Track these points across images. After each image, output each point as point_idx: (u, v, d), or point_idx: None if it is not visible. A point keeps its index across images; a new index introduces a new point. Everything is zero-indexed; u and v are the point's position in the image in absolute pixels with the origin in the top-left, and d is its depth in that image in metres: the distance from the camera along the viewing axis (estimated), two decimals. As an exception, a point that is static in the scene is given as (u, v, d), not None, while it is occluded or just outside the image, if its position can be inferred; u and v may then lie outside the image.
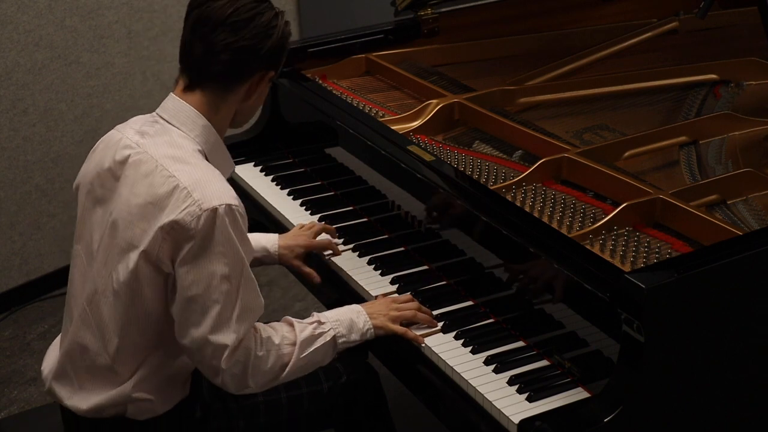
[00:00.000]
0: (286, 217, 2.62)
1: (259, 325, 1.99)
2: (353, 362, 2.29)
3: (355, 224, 2.55)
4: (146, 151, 1.97)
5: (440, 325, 2.13)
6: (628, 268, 1.95)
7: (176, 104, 2.01)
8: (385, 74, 2.95)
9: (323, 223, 2.52)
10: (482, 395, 1.93)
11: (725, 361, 1.88)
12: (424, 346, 2.09)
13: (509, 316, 2.13)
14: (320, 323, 2.06)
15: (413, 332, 2.11)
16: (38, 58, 3.72)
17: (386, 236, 2.48)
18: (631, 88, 2.75)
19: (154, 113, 2.05)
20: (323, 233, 2.46)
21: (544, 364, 2.00)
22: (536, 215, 2.16)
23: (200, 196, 1.89)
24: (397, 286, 2.28)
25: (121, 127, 2.07)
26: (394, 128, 2.54)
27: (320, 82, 2.89)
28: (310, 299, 3.74)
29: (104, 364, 2.01)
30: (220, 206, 1.89)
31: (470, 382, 1.96)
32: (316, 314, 2.09)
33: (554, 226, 2.11)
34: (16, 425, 2.27)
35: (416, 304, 2.16)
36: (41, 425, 2.22)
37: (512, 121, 2.56)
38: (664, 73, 2.79)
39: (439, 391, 2.03)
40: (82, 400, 2.03)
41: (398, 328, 2.11)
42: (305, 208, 2.65)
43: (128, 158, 1.98)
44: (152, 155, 1.95)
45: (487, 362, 2.01)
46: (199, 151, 2.00)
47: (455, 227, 2.27)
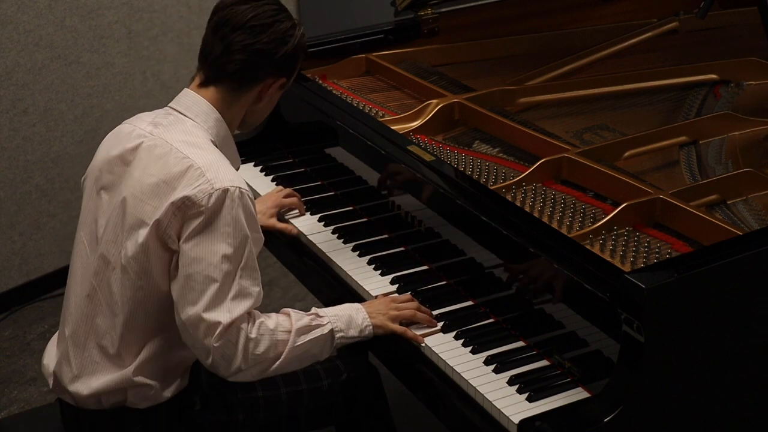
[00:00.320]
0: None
1: (255, 311, 2.01)
2: (354, 360, 2.30)
3: (355, 224, 2.55)
4: (161, 137, 2.02)
5: (440, 324, 2.13)
6: (628, 268, 1.95)
7: (191, 98, 2.08)
8: (385, 74, 2.95)
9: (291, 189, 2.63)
10: (482, 395, 1.93)
11: (725, 361, 1.87)
12: (424, 345, 2.09)
13: (509, 316, 2.13)
14: (318, 316, 2.08)
15: (413, 332, 2.11)
16: (38, 58, 3.72)
17: (386, 236, 2.48)
18: (631, 88, 2.75)
19: (167, 107, 2.11)
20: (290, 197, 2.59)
21: (544, 364, 2.00)
22: (536, 215, 2.16)
23: (213, 176, 1.95)
24: (397, 286, 2.28)
25: (131, 120, 2.12)
26: (394, 128, 2.54)
27: (320, 82, 2.89)
28: (310, 299, 3.73)
29: (108, 345, 2.03)
30: (231, 188, 1.95)
31: (470, 382, 1.96)
32: (315, 309, 2.10)
33: (554, 226, 2.11)
34: (16, 425, 2.27)
35: (416, 303, 2.16)
36: (41, 425, 2.22)
37: (512, 121, 2.55)
38: (664, 73, 2.79)
39: (438, 390, 2.03)
40: (83, 384, 2.05)
41: (397, 327, 2.11)
42: (305, 207, 2.64)
43: (141, 144, 2.03)
44: (167, 140, 2.01)
45: (487, 362, 2.01)
46: (211, 141, 2.05)
47: (455, 227, 2.27)
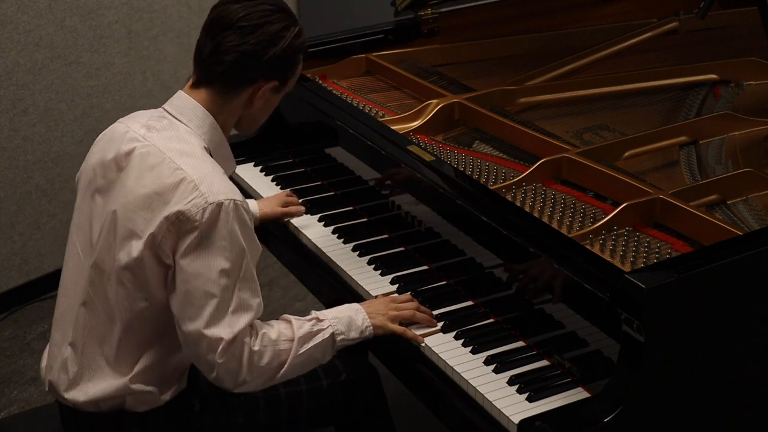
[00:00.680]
0: (285, 218, 2.61)
1: (256, 322, 1.99)
2: (353, 361, 2.29)
3: (355, 224, 2.55)
4: (154, 144, 1.99)
5: (440, 324, 2.13)
6: (628, 268, 1.95)
7: (184, 101, 2.04)
8: (385, 74, 2.95)
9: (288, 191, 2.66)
10: (482, 395, 1.93)
11: (725, 361, 1.87)
12: (423, 345, 2.09)
13: (509, 316, 2.13)
14: (319, 320, 2.07)
15: (412, 332, 2.11)
16: (38, 58, 3.71)
17: (386, 236, 2.47)
18: (631, 88, 2.75)
19: (160, 108, 2.08)
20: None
21: (544, 364, 2.00)
22: (536, 215, 2.16)
23: (207, 189, 1.91)
24: (397, 286, 2.28)
25: (125, 120, 2.09)
26: (394, 128, 2.54)
27: (320, 82, 2.89)
28: (310, 299, 3.73)
29: (107, 353, 2.02)
30: (225, 201, 1.91)
31: (470, 382, 1.96)
32: (314, 312, 2.10)
33: (554, 226, 2.11)
34: (16, 425, 2.27)
35: (415, 303, 2.16)
36: (41, 425, 2.21)
37: (512, 121, 2.55)
38: (664, 73, 2.79)
39: (438, 390, 2.03)
40: (80, 392, 2.04)
41: (397, 327, 2.11)
42: (305, 208, 2.64)
43: (134, 150, 2.00)
44: (159, 148, 1.98)
45: (487, 362, 2.01)
46: (204, 148, 2.02)
47: (455, 227, 2.27)
